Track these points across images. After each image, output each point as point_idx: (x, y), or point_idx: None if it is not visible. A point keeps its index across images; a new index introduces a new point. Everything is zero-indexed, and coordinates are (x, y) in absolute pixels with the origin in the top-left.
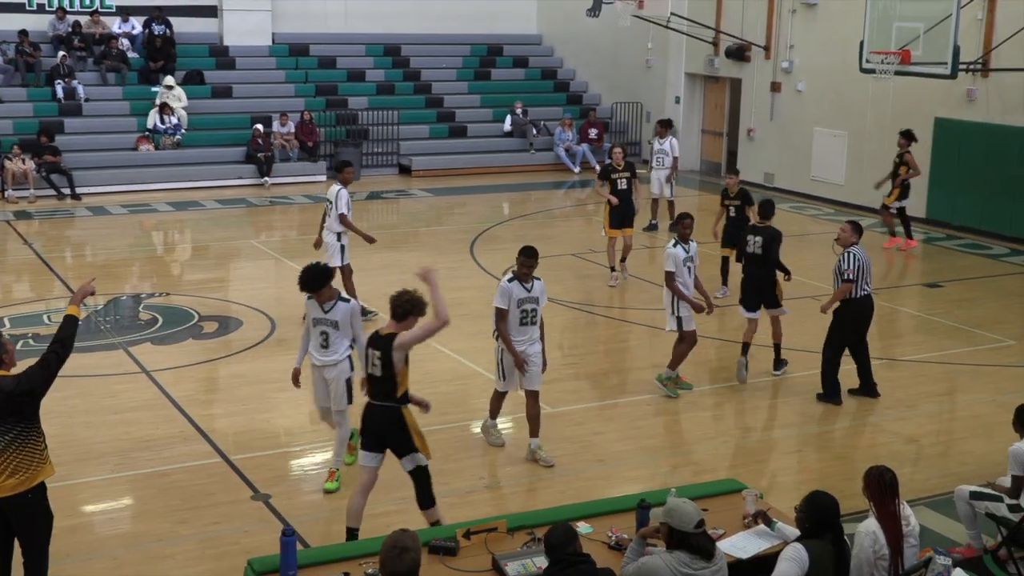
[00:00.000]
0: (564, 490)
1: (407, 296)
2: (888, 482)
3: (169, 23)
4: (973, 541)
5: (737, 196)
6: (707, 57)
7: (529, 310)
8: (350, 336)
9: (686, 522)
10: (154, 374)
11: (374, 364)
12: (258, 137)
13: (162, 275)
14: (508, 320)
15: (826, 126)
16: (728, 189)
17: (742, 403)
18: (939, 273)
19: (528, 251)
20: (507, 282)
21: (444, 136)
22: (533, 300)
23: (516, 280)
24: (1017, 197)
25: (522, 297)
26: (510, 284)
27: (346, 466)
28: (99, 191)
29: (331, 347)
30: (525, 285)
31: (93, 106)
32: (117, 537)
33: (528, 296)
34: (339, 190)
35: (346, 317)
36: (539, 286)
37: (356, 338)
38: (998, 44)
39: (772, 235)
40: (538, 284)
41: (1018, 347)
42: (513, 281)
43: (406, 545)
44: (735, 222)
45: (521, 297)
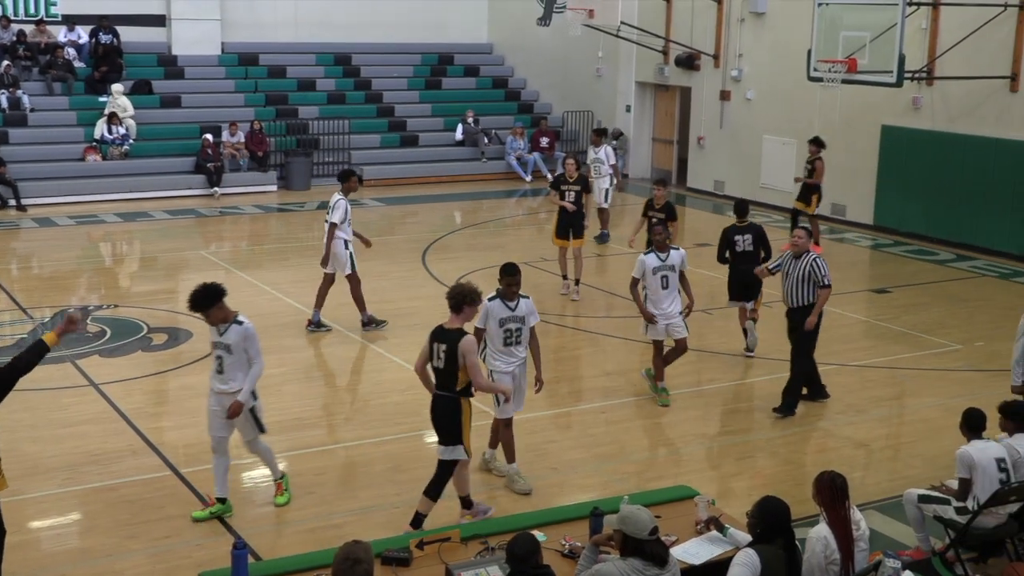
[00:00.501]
0: (517, 499)
1: (458, 288)
2: (839, 487)
3: (116, 32)
4: (922, 544)
5: (663, 209)
6: (657, 66)
7: (513, 330)
8: (246, 362)
9: (640, 529)
10: (103, 387)
11: (438, 357)
12: (207, 147)
13: (110, 287)
14: (491, 340)
15: (775, 134)
16: (655, 200)
17: (693, 410)
18: (887, 279)
19: (510, 268)
20: (488, 301)
21: (395, 145)
22: (518, 319)
23: (499, 299)
24: (962, 204)
25: (504, 316)
26: (491, 303)
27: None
28: (45, 202)
29: (225, 373)
30: (508, 304)
31: (39, 116)
32: (65, 553)
33: (512, 315)
34: (338, 200)
35: (239, 341)
36: (525, 304)
37: (252, 362)
38: (942, 53)
39: (758, 231)
40: (524, 303)
41: (964, 351)
42: (495, 300)
43: (359, 557)
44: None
45: (503, 316)
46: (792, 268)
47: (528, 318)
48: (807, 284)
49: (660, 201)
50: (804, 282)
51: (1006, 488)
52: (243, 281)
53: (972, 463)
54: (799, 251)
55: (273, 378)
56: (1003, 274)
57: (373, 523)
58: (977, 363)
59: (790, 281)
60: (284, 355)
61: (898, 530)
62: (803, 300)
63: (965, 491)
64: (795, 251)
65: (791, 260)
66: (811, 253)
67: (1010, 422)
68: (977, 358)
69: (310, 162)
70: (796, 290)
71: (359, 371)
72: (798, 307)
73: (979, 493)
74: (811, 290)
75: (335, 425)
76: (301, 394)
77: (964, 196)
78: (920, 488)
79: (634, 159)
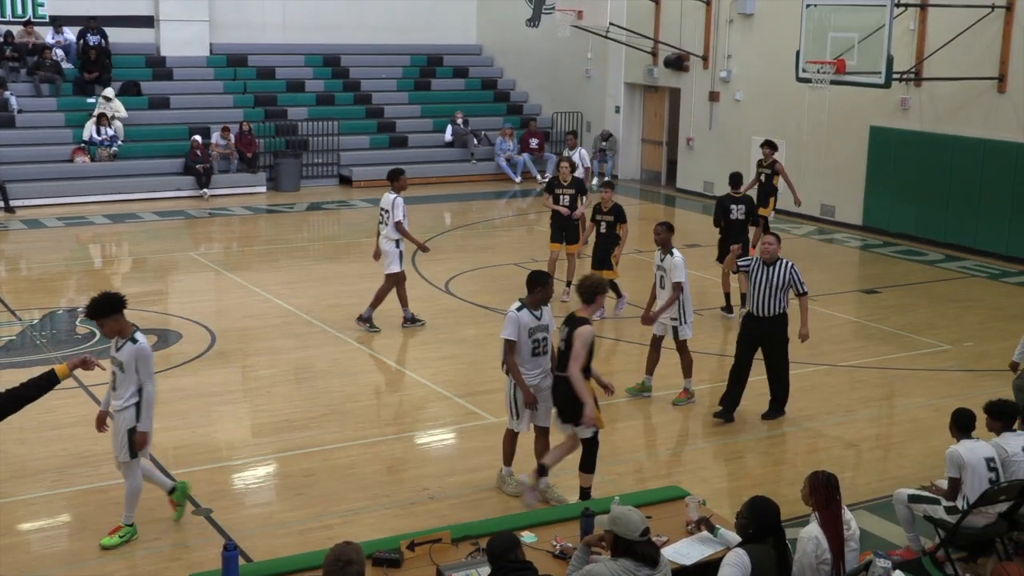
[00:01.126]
0: (508, 500)
1: (590, 280)
2: (833, 487)
3: (104, 33)
4: (912, 543)
5: (610, 212)
6: (646, 67)
7: (541, 339)
8: (136, 381)
9: (632, 530)
10: (92, 389)
11: (563, 339)
12: (196, 148)
13: (99, 289)
14: (519, 351)
15: (764, 135)
16: (602, 204)
17: (684, 411)
18: (876, 279)
19: (542, 278)
20: (515, 311)
21: (385, 146)
22: (544, 328)
23: (525, 308)
24: (951, 204)
25: (533, 326)
26: (519, 313)
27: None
28: (34, 204)
29: (117, 390)
30: (535, 313)
31: (27, 117)
32: (55, 555)
33: (539, 324)
34: (394, 198)
35: (131, 360)
36: (547, 312)
37: (142, 386)
38: (930, 54)
39: (751, 202)
40: (546, 310)
41: (954, 351)
42: (522, 310)
43: (350, 558)
44: (606, 239)
45: (532, 326)
46: (764, 275)
47: (551, 325)
48: (783, 292)
49: (607, 204)
50: (780, 290)
51: (995, 488)
52: (232, 282)
53: (961, 463)
54: (771, 258)
55: (263, 379)
56: (992, 274)
57: (364, 524)
58: (966, 363)
59: (763, 289)
60: (274, 356)
61: (888, 530)
62: (777, 309)
63: (954, 491)
64: (767, 258)
65: (762, 267)
66: (785, 260)
67: (996, 421)
68: (966, 358)
69: (299, 163)
70: (771, 298)
71: (349, 372)
72: (771, 316)
73: (968, 493)
74: (786, 298)
75: (325, 427)
76: (291, 396)
77: (953, 197)
78: (910, 488)
79: (623, 160)
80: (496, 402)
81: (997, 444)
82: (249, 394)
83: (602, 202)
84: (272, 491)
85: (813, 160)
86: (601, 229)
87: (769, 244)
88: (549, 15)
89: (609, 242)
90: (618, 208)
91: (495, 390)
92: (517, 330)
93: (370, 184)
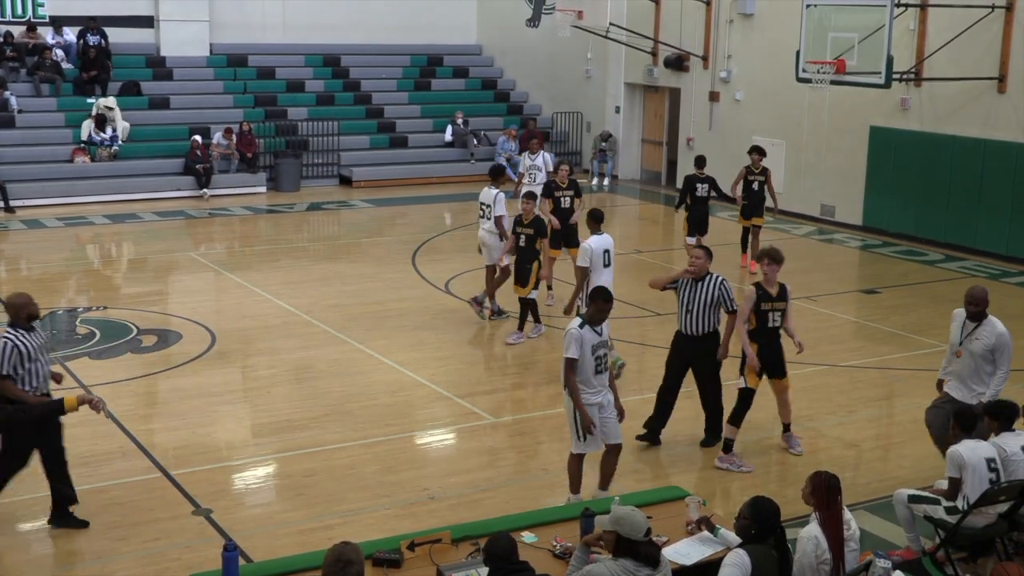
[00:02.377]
0: (508, 500)
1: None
2: (835, 487)
3: (104, 34)
4: (912, 544)
5: (531, 224)
6: (646, 67)
7: (603, 356)
8: None
9: (635, 530)
10: (92, 389)
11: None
12: (196, 148)
13: (99, 289)
14: (582, 370)
15: (764, 135)
16: (559, 180)
17: (684, 411)
18: (876, 279)
19: (606, 294)
20: (577, 328)
21: (385, 146)
22: (605, 344)
23: (587, 324)
24: (951, 204)
25: (596, 343)
26: (581, 330)
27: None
28: (34, 204)
29: None
30: (596, 329)
31: (27, 118)
32: (55, 556)
33: (601, 340)
34: (496, 193)
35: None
36: (607, 328)
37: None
38: (930, 54)
39: (713, 180)
40: (606, 326)
41: None
42: (584, 326)
43: (349, 558)
44: (525, 253)
45: (595, 343)
46: (693, 292)
47: (609, 340)
48: (713, 309)
49: (528, 216)
50: (711, 307)
51: (995, 488)
52: (232, 283)
53: (962, 463)
54: (700, 273)
55: (263, 380)
56: (992, 274)
57: (364, 524)
58: None
59: (693, 306)
60: (274, 357)
61: (888, 530)
62: (708, 327)
63: (955, 491)
64: (696, 273)
65: (690, 283)
66: (715, 275)
67: (995, 421)
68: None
69: (299, 163)
70: (702, 316)
71: (349, 372)
72: (701, 335)
73: (969, 493)
74: (718, 316)
75: (325, 427)
76: (291, 396)
77: (953, 197)
78: (910, 488)
79: (623, 160)
80: (497, 402)
81: (996, 444)
82: (249, 394)
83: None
84: (272, 491)
85: (813, 160)
86: (520, 243)
87: (697, 258)
88: (549, 15)
89: (528, 256)
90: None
91: (495, 390)
92: (580, 348)
93: (370, 184)
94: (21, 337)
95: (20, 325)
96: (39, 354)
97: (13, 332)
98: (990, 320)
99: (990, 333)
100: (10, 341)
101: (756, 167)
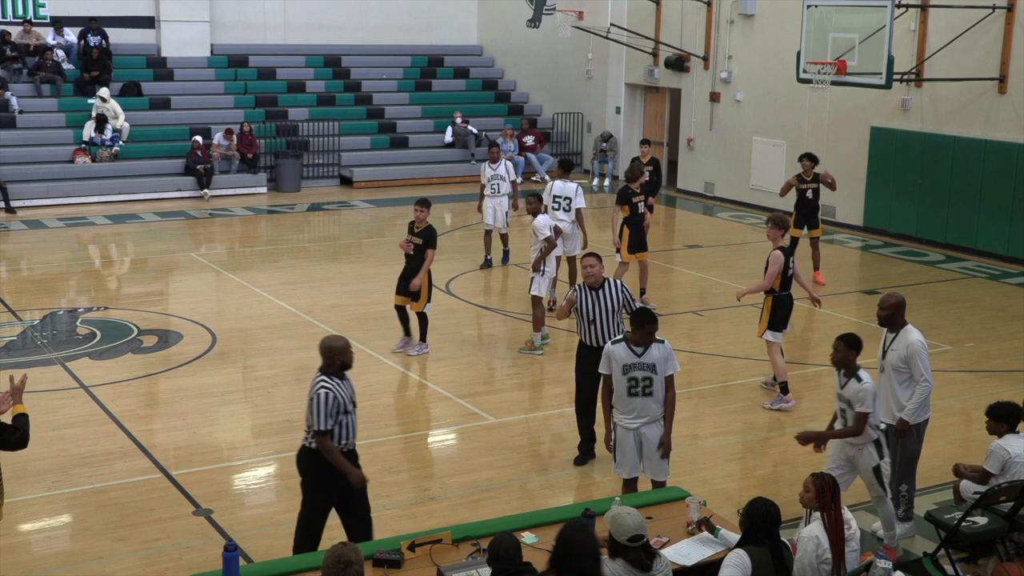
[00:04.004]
0: (508, 500)
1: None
2: (836, 488)
3: (105, 34)
4: (889, 542)
5: (421, 233)
6: (647, 67)
7: (640, 379)
8: None
9: (619, 533)
10: (93, 389)
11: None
12: (197, 149)
13: (100, 289)
14: (615, 390)
15: (765, 135)
16: (415, 223)
17: (685, 412)
18: (876, 280)
19: (651, 317)
20: (611, 344)
21: (385, 147)
22: (646, 367)
23: (623, 342)
24: (952, 205)
25: (629, 363)
26: (614, 347)
27: None
28: (35, 204)
29: None
30: (635, 349)
31: (28, 118)
32: (55, 556)
33: (637, 362)
34: (576, 187)
35: None
36: (659, 350)
37: None
38: (931, 55)
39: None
40: (658, 348)
41: (954, 352)
42: (619, 343)
43: (349, 559)
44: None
45: (628, 363)
46: (592, 301)
47: (661, 365)
48: (616, 316)
49: (421, 224)
50: (614, 314)
51: (996, 488)
52: (233, 283)
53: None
54: (596, 281)
55: (264, 380)
56: (993, 275)
57: None
58: (967, 364)
59: (595, 316)
60: (274, 357)
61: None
62: (613, 334)
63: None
64: (591, 282)
65: (587, 292)
66: (613, 279)
67: (1001, 424)
68: (967, 359)
69: (300, 164)
70: (604, 325)
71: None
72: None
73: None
74: (622, 322)
75: None
76: (291, 396)
77: (953, 197)
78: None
79: (624, 161)
80: (497, 402)
81: (999, 446)
82: (250, 394)
83: (416, 221)
84: (272, 491)
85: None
86: (409, 251)
87: (591, 266)
88: (550, 16)
89: (417, 265)
90: (429, 230)
91: (495, 391)
92: (608, 364)
93: (371, 185)
94: (336, 386)
95: (333, 373)
96: (349, 405)
97: (328, 381)
98: (906, 329)
99: (901, 342)
100: (330, 392)
101: (808, 175)
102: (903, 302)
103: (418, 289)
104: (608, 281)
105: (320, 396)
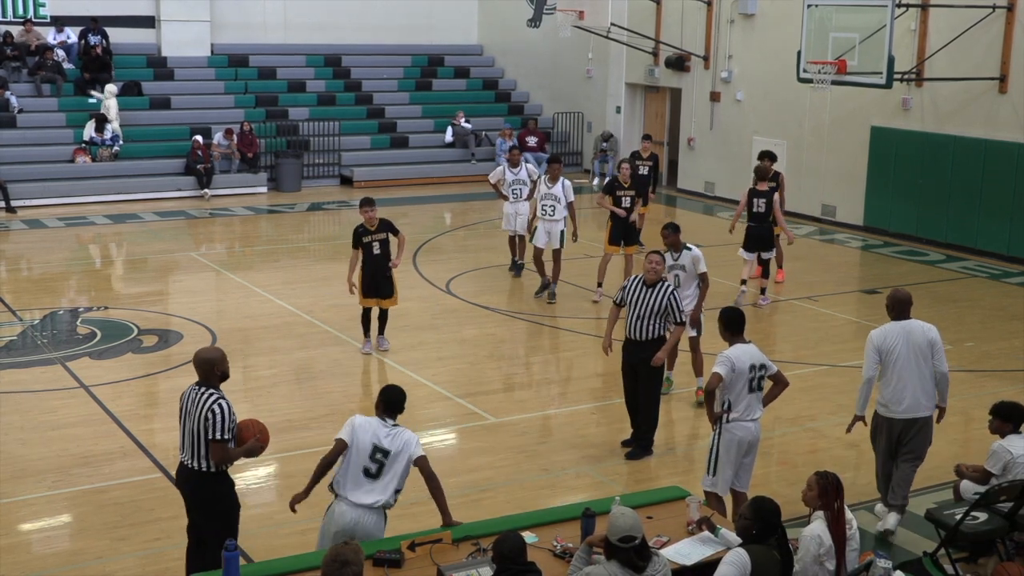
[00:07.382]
0: (508, 500)
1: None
2: (839, 487)
3: (105, 34)
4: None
5: (632, 186)
6: (647, 67)
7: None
8: None
9: (613, 533)
10: (93, 389)
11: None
12: (197, 149)
13: (100, 289)
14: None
15: (765, 135)
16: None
17: (685, 411)
18: (877, 279)
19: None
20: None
21: (386, 147)
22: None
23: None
24: (952, 204)
25: (754, 363)
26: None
27: None
28: (35, 204)
29: None
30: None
31: (28, 118)
32: (55, 556)
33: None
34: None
35: None
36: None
37: None
38: (931, 54)
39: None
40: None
41: (955, 352)
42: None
43: (348, 558)
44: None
45: (753, 363)
46: (643, 297)
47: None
48: (660, 317)
49: (372, 223)
50: (658, 315)
51: (996, 487)
52: (233, 283)
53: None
54: (656, 279)
55: (264, 380)
56: (993, 275)
57: None
58: (968, 363)
59: (640, 312)
60: (274, 357)
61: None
62: (654, 333)
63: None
64: (651, 278)
65: (641, 287)
66: (667, 283)
67: (1005, 423)
68: (968, 358)
69: (300, 164)
70: (647, 322)
71: (350, 373)
72: (647, 340)
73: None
74: (663, 324)
75: (326, 427)
76: (291, 396)
77: (953, 197)
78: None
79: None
80: (497, 401)
81: (1001, 447)
82: (250, 394)
83: (366, 221)
84: (272, 491)
85: (814, 160)
86: (375, 251)
87: (655, 263)
88: (550, 15)
89: (383, 263)
90: (385, 221)
91: (495, 390)
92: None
93: (371, 184)
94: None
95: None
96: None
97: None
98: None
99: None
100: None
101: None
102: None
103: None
104: (663, 282)
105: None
